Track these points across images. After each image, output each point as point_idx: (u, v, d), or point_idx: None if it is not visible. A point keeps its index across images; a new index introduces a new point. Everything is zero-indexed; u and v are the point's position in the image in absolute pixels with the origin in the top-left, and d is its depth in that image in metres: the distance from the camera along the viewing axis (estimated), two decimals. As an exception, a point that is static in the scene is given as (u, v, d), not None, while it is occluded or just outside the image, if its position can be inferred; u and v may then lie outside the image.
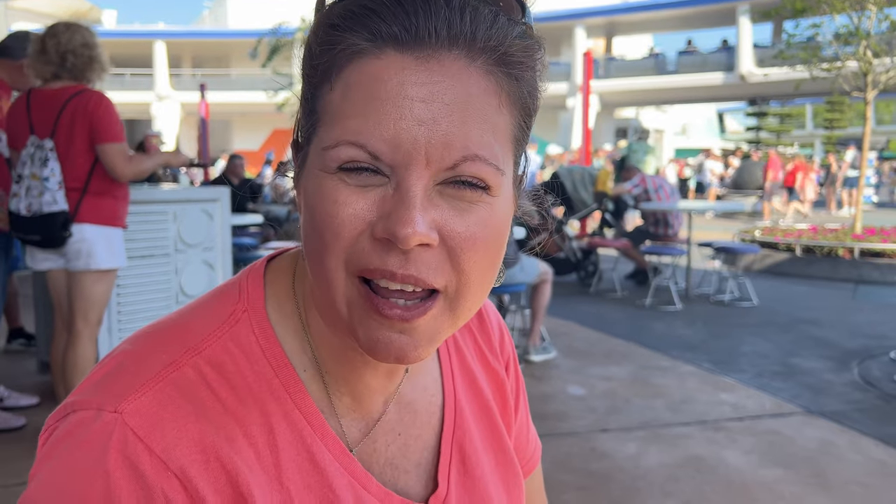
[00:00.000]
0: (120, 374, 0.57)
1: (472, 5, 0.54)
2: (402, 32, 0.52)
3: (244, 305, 0.62)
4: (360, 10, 0.53)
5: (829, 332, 6.21)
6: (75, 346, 3.24)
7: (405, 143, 0.51)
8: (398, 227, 0.51)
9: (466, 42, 0.53)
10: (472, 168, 0.53)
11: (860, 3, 9.54)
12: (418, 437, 0.69)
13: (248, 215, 7.20)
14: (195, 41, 39.30)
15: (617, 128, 40.30)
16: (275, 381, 0.60)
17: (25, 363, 4.76)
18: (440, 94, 0.52)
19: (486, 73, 0.54)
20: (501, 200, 0.56)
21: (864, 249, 9.14)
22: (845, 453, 3.60)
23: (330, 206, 0.53)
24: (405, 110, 0.51)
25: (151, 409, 0.54)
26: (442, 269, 0.54)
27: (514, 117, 0.56)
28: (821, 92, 21.29)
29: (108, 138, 3.15)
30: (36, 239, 3.12)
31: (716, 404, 4.30)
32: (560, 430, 3.83)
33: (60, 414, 0.56)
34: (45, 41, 3.17)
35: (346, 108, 0.53)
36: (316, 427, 0.61)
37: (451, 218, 0.53)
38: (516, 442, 0.81)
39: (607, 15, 34.75)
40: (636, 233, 8.49)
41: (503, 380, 0.79)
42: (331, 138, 0.53)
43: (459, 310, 0.56)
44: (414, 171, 0.52)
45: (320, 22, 0.57)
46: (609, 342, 5.79)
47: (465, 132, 0.52)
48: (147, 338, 0.61)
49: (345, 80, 0.53)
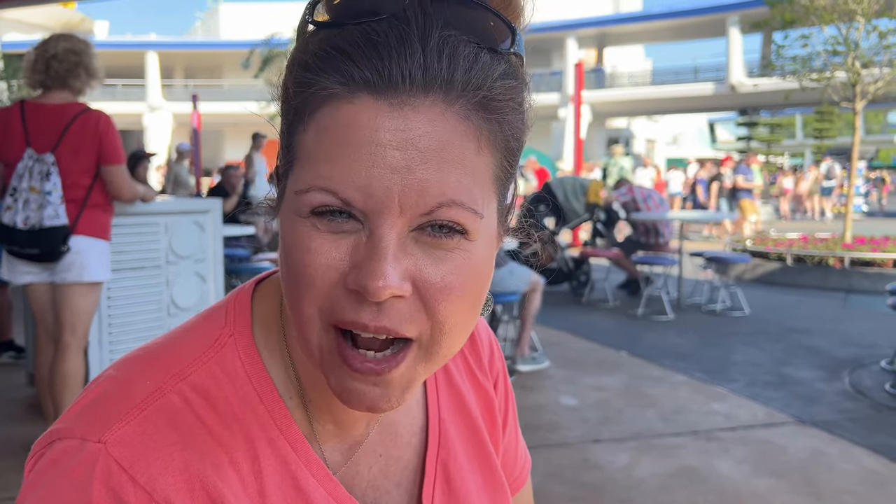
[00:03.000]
0: (105, 402, 0.57)
1: (451, 45, 0.51)
2: (375, 77, 0.50)
3: (230, 330, 0.62)
4: (333, 51, 0.52)
5: (820, 341, 6.23)
6: (64, 359, 3.22)
7: (378, 191, 0.49)
8: (369, 280, 0.49)
9: (443, 86, 0.51)
10: (449, 213, 0.51)
11: (849, 15, 9.63)
12: (399, 458, 0.69)
13: (239, 226, 7.18)
14: (187, 52, 39.33)
15: (609, 138, 40.47)
16: (259, 407, 0.59)
17: (15, 376, 4.73)
18: (414, 140, 0.50)
19: (465, 118, 0.51)
20: (481, 243, 0.54)
21: (854, 259, 9.20)
22: (837, 462, 3.61)
23: (304, 253, 0.52)
24: (378, 157, 0.49)
25: (136, 438, 0.54)
26: (415, 317, 0.52)
27: (496, 158, 0.54)
28: (810, 102, 21.45)
29: (115, 160, 3.23)
30: (34, 253, 3.09)
31: (708, 414, 4.31)
32: (552, 440, 3.82)
33: (46, 441, 0.56)
34: (35, 51, 3.19)
35: (319, 151, 0.51)
36: (300, 452, 0.60)
37: (425, 267, 0.52)
38: (504, 459, 0.81)
39: (599, 26, 34.99)
40: (627, 243, 8.51)
41: (491, 397, 0.79)
42: (303, 182, 0.52)
43: (435, 356, 0.55)
44: (387, 220, 0.50)
45: (295, 58, 0.55)
46: (601, 352, 5.79)
47: (441, 178, 0.50)
48: (132, 363, 0.60)
49: (317, 123, 0.52)
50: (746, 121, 32.63)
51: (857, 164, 11.17)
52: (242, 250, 7.50)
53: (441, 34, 0.51)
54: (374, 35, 0.51)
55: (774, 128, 33.14)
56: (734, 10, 30.93)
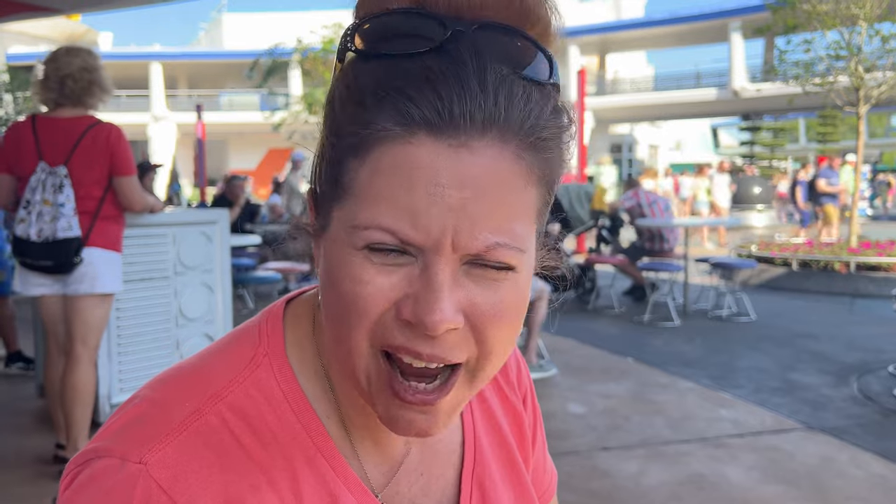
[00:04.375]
0: (144, 422, 0.57)
1: (507, 86, 0.52)
2: (435, 118, 0.50)
3: (265, 350, 0.62)
4: (392, 91, 0.51)
5: (827, 346, 6.22)
6: (75, 371, 3.22)
7: (435, 230, 0.50)
8: (426, 314, 0.51)
9: (500, 127, 0.51)
10: (497, 254, 0.52)
11: (851, 20, 9.64)
12: (440, 476, 0.69)
13: (246, 236, 7.21)
14: (191, 62, 39.47)
15: (612, 144, 40.48)
16: (297, 426, 0.60)
17: (24, 387, 4.74)
18: (471, 181, 0.50)
19: (518, 157, 0.52)
20: (525, 272, 0.56)
21: (860, 263, 9.18)
22: (846, 469, 3.60)
23: (356, 284, 0.53)
24: (437, 198, 0.50)
25: (176, 460, 0.54)
26: (465, 344, 0.54)
27: (540, 192, 0.56)
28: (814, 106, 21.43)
29: (127, 171, 3.27)
30: (47, 264, 3.12)
31: (716, 421, 4.30)
32: (560, 448, 3.82)
33: (83, 459, 0.56)
34: (46, 67, 3.21)
35: (376, 190, 0.52)
36: (339, 472, 0.60)
37: (476, 296, 0.53)
38: (534, 475, 0.81)
39: (601, 32, 35.00)
40: (633, 249, 8.52)
41: (521, 413, 0.80)
42: (360, 219, 0.52)
43: (479, 379, 0.57)
44: (442, 257, 0.51)
45: (346, 95, 0.54)
46: (608, 359, 5.79)
47: (493, 219, 0.51)
48: (169, 384, 0.61)
49: (374, 161, 0.52)
50: (749, 126, 32.58)
51: (861, 167, 11.13)
52: (249, 260, 7.53)
53: (496, 73, 0.52)
54: (430, 74, 0.51)
55: (778, 132, 33.06)
56: (736, 16, 30.95)
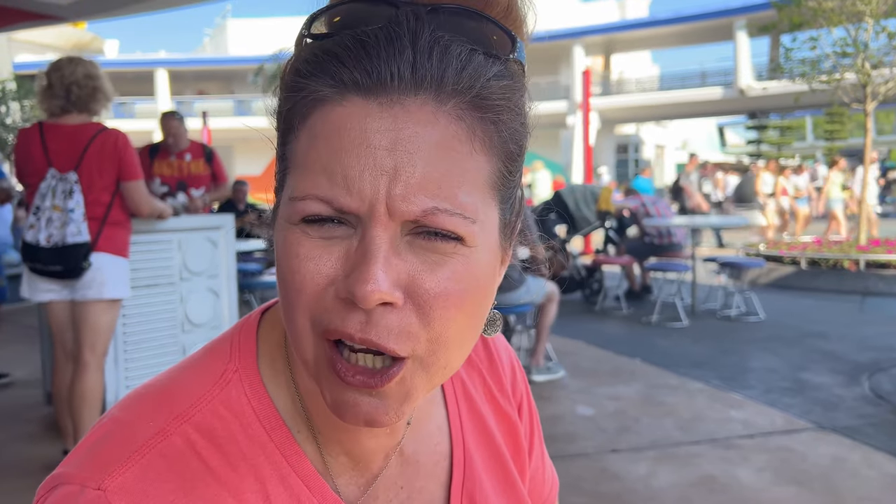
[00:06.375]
0: (106, 444, 0.55)
1: (442, 45, 0.50)
2: (363, 78, 0.49)
3: (235, 365, 0.60)
4: (323, 55, 0.51)
5: (837, 345, 6.17)
6: (83, 378, 3.24)
7: (368, 194, 0.48)
8: (357, 284, 0.47)
9: (434, 85, 0.49)
10: (438, 221, 0.49)
11: (857, 17, 9.59)
12: (422, 490, 0.66)
13: (251, 241, 7.20)
14: (196, 68, 39.64)
15: (618, 144, 40.42)
16: (269, 444, 0.57)
17: (32, 394, 4.75)
18: (404, 141, 0.48)
19: (457, 118, 0.50)
20: (481, 250, 0.52)
21: (869, 261, 9.12)
22: (859, 469, 3.56)
23: (293, 260, 0.50)
24: (368, 159, 0.48)
25: (136, 484, 0.52)
26: (407, 332, 0.49)
27: (492, 163, 0.52)
28: (820, 104, 21.33)
29: (134, 176, 3.31)
30: (56, 270, 3.14)
31: (726, 422, 4.27)
32: (569, 451, 3.80)
33: (49, 485, 0.55)
34: (49, 76, 3.27)
35: (311, 157, 0.50)
36: (314, 489, 0.58)
37: (420, 273, 0.49)
38: (531, 485, 0.78)
39: (605, 33, 35.01)
40: (642, 245, 8.48)
41: (515, 423, 0.75)
42: (295, 189, 0.51)
43: (434, 369, 0.52)
44: (378, 224, 0.48)
45: (288, 67, 0.54)
46: (616, 360, 5.76)
47: (431, 182, 0.48)
48: (136, 402, 0.58)
49: (309, 129, 0.51)
50: (756, 124, 32.49)
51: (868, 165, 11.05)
52: (255, 265, 7.53)
53: (432, 34, 0.50)
54: (363, 37, 0.50)
55: (784, 130, 32.96)
56: (741, 14, 30.89)
